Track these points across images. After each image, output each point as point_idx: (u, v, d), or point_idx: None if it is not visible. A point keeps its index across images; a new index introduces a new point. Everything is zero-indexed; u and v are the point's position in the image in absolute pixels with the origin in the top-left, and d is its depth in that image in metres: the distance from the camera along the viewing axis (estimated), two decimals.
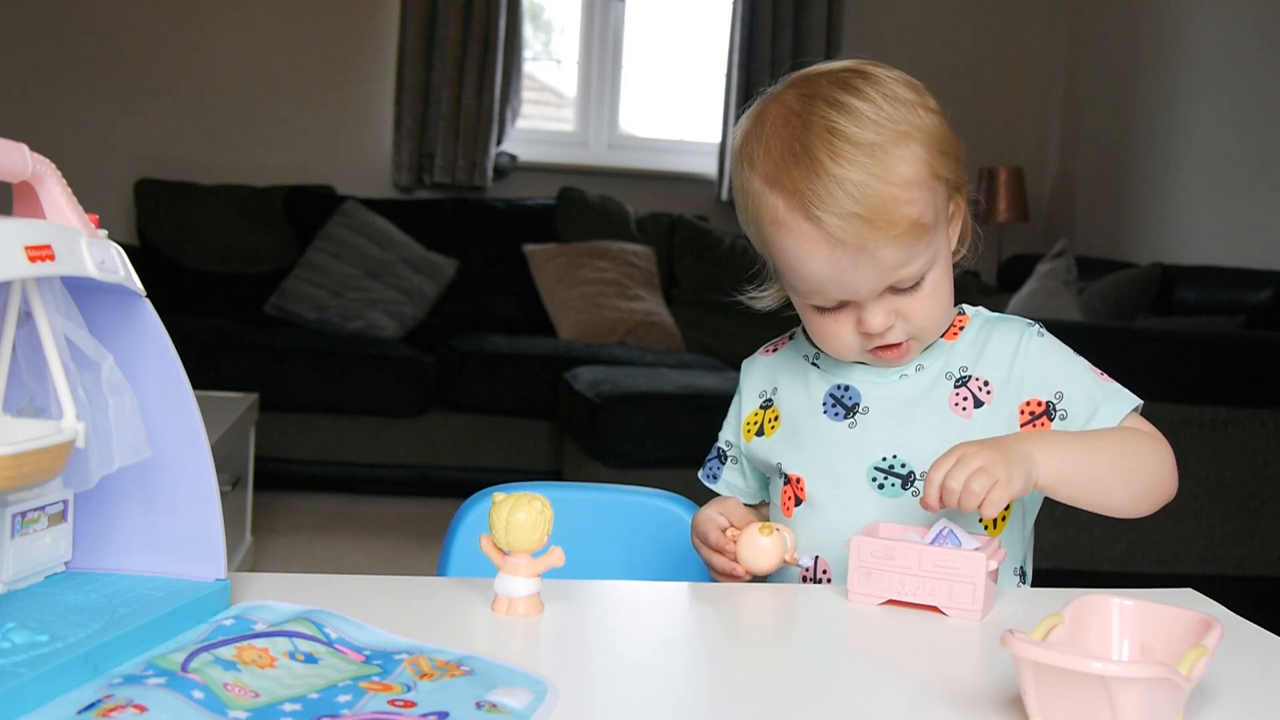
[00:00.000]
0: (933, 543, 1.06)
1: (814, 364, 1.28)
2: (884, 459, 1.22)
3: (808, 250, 1.13)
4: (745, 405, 1.33)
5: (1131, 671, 0.73)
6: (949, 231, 1.21)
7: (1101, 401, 1.20)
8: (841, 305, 1.17)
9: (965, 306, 1.28)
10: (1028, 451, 1.08)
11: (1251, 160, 4.30)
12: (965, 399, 1.22)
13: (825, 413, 1.25)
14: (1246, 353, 3.17)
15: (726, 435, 1.35)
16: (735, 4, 5.28)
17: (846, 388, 1.25)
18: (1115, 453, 1.15)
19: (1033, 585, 1.27)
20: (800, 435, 1.26)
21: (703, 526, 1.21)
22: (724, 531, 1.18)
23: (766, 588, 1.17)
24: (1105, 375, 1.23)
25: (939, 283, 1.18)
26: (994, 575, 1.05)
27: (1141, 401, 1.21)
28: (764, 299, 1.30)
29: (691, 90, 5.55)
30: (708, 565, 1.22)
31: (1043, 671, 0.75)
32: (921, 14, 5.37)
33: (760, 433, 1.30)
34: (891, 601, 1.04)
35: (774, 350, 1.35)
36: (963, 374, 1.23)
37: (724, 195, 5.34)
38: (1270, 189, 4.19)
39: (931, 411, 1.22)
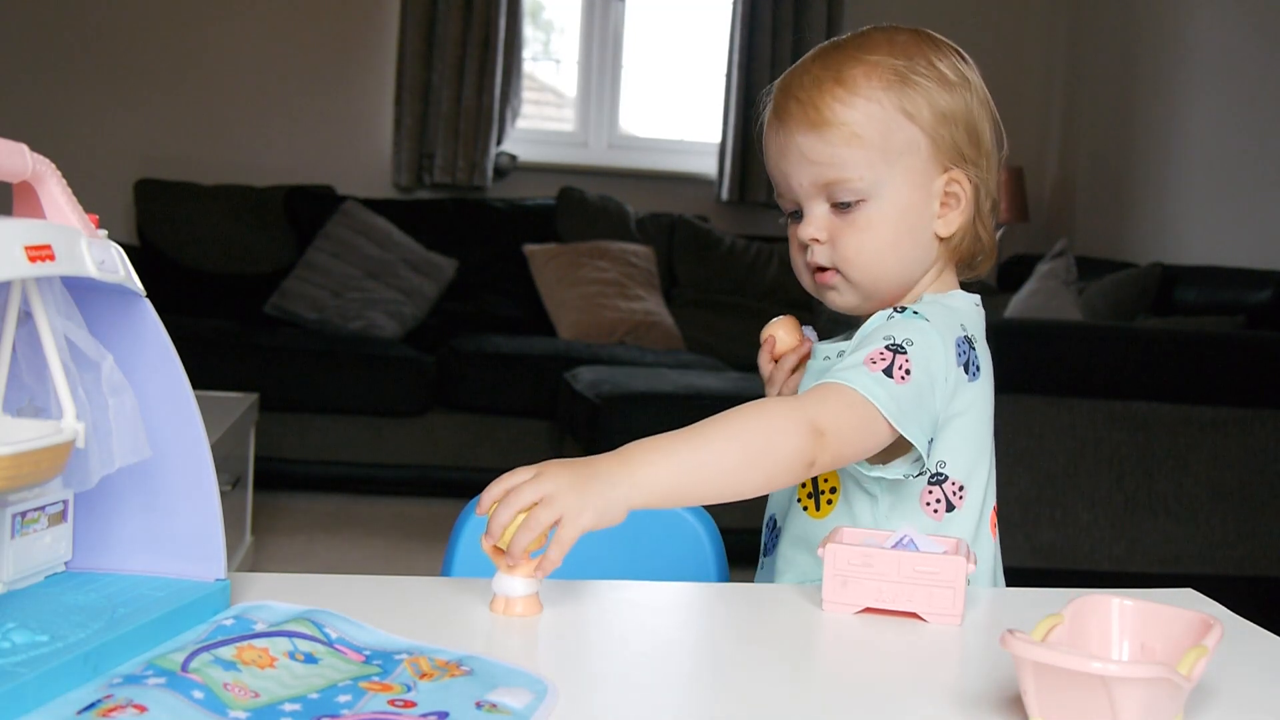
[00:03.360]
0: (894, 548, 1.05)
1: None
2: None
3: (767, 133, 1.22)
4: None
5: (1131, 671, 0.73)
6: (921, 193, 1.18)
7: (847, 366, 1.11)
8: (799, 217, 1.21)
9: (926, 295, 1.22)
10: (618, 477, 0.99)
11: (1251, 160, 4.29)
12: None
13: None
14: (1246, 353, 3.17)
15: None
16: (735, 4, 5.28)
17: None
18: (729, 443, 1.05)
19: (1033, 586, 1.27)
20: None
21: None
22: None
23: (762, 588, 1.17)
24: (879, 364, 1.10)
25: (877, 221, 1.17)
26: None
27: (859, 391, 1.08)
28: None
29: (691, 90, 5.55)
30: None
31: (1043, 671, 0.75)
32: (921, 14, 5.36)
33: None
34: (868, 609, 1.03)
35: None
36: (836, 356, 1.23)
37: (724, 195, 5.34)
38: (1270, 189, 4.18)
39: None
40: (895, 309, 1.16)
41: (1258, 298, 3.60)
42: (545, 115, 5.59)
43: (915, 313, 1.15)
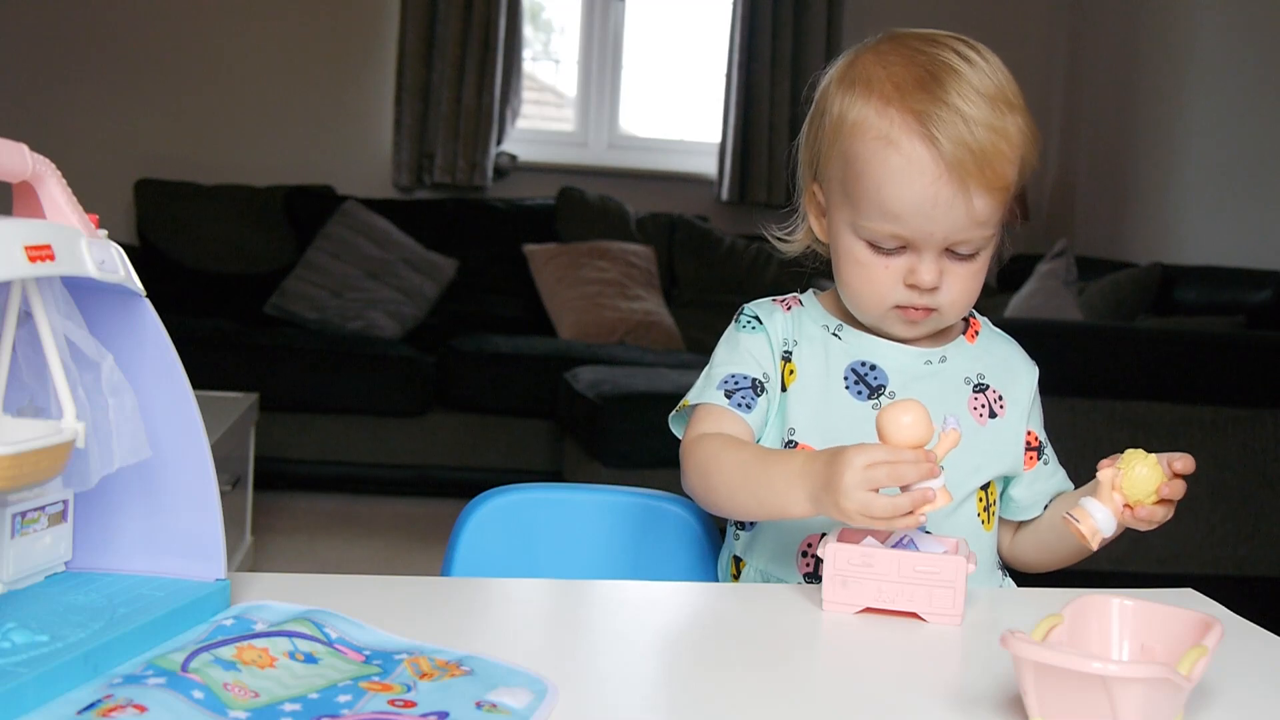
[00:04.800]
0: (894, 548, 1.05)
1: (835, 334, 1.23)
2: None
3: (913, 174, 1.11)
4: (775, 346, 1.24)
5: (1131, 671, 0.73)
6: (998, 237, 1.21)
7: (1057, 468, 1.30)
8: (899, 251, 1.15)
9: (974, 310, 1.29)
10: None
11: (1251, 160, 4.29)
12: (983, 406, 1.23)
13: (848, 389, 1.21)
14: (1246, 353, 3.17)
15: (764, 367, 1.22)
16: (735, 4, 5.28)
17: (873, 366, 1.21)
18: None
19: (1033, 586, 1.27)
20: (817, 406, 1.21)
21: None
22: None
23: (762, 588, 1.17)
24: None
25: (982, 269, 1.19)
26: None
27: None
28: (792, 243, 1.28)
29: (691, 90, 5.55)
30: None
31: (1043, 671, 0.75)
32: (921, 14, 5.35)
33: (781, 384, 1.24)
34: (868, 610, 1.03)
35: (787, 308, 1.27)
36: (980, 381, 1.24)
37: (724, 195, 5.34)
38: (1270, 189, 4.18)
39: (952, 409, 1.22)
40: (1031, 360, 1.29)
41: (1258, 298, 3.60)
42: (545, 115, 5.59)
43: (1032, 362, 1.30)
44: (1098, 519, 1.08)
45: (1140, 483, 1.07)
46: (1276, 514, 3.08)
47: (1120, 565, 3.02)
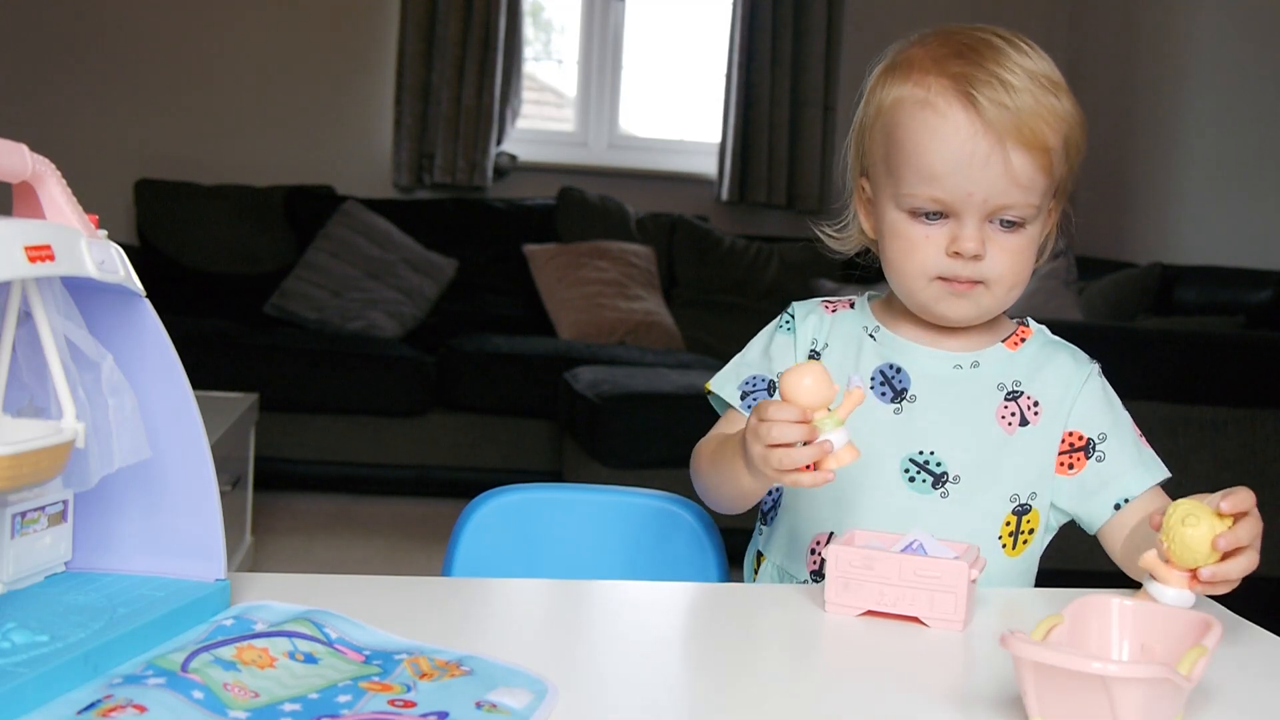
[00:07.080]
0: (903, 552, 1.05)
1: (871, 335, 1.25)
2: (920, 452, 1.20)
3: (949, 131, 1.13)
4: (799, 348, 1.27)
5: (1131, 671, 0.73)
6: (1046, 225, 1.21)
7: (1137, 463, 1.22)
8: (940, 219, 1.16)
9: (1030, 320, 1.28)
10: None
11: (1251, 160, 4.29)
12: (1013, 414, 1.22)
13: (873, 390, 1.22)
14: (1246, 353, 3.17)
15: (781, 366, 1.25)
16: (735, 4, 5.28)
17: (899, 369, 1.22)
18: None
19: (1034, 586, 1.28)
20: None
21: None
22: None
23: (762, 588, 1.17)
24: (1144, 439, 1.25)
25: (1028, 246, 1.18)
26: (973, 584, 1.02)
27: (1170, 475, 1.22)
28: (844, 241, 1.28)
29: (691, 90, 5.55)
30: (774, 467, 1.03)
31: (1043, 671, 0.75)
32: (921, 14, 5.35)
33: None
34: (870, 613, 1.02)
35: (832, 310, 1.29)
36: (1015, 388, 1.23)
37: (724, 195, 5.34)
38: (1270, 189, 4.18)
39: (978, 417, 1.21)
40: (1089, 358, 1.27)
41: (1258, 298, 3.60)
42: (545, 115, 5.59)
43: (1090, 359, 1.27)
44: (1167, 599, 0.96)
45: (1191, 546, 0.94)
46: (1277, 514, 3.08)
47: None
